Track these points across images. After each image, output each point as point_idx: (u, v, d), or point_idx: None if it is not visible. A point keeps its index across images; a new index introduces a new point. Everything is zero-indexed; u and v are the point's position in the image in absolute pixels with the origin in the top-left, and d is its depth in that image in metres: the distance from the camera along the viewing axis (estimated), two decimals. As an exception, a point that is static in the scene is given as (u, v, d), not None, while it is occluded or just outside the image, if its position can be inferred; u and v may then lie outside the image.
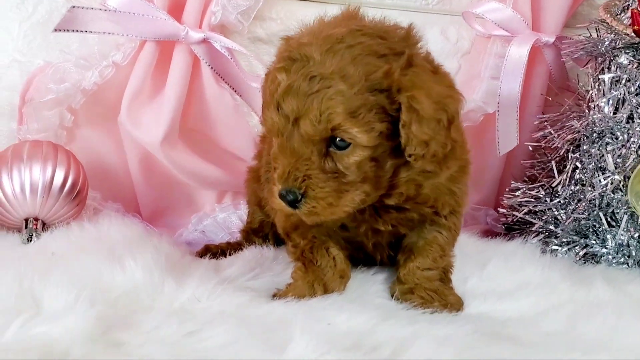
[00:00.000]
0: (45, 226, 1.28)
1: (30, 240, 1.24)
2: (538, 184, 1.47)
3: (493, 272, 1.20)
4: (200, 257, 1.31)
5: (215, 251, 1.31)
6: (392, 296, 1.09)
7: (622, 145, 1.32)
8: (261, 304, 1.01)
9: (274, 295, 1.05)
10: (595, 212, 1.32)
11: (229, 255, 1.30)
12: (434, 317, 0.97)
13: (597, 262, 1.32)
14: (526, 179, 1.57)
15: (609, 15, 1.42)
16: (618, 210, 1.31)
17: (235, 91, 1.42)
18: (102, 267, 1.06)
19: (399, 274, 1.09)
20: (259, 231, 1.37)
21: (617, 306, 1.04)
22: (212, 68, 1.37)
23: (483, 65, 1.61)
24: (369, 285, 1.12)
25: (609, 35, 1.41)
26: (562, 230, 1.37)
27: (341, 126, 0.89)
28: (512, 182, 1.55)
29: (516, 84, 1.48)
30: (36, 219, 1.27)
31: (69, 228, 1.28)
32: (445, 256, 1.09)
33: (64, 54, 1.36)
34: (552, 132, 1.47)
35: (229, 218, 1.55)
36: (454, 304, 1.05)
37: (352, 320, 0.93)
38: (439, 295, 1.06)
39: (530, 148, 1.58)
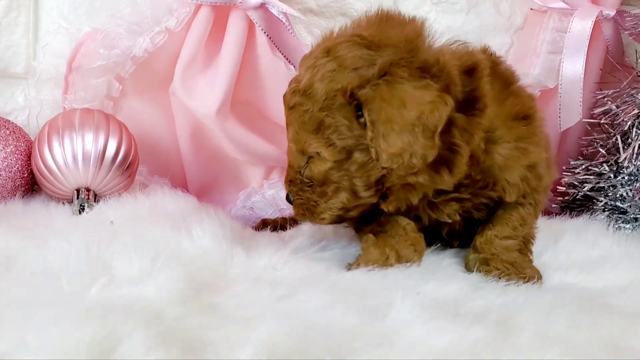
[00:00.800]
0: (96, 197, 1.23)
1: (83, 211, 1.19)
2: (601, 160, 1.41)
3: (568, 246, 1.15)
4: (258, 230, 1.26)
5: (274, 225, 1.26)
6: (466, 266, 1.04)
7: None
8: (341, 272, 0.96)
9: (348, 267, 1.00)
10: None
11: (288, 229, 1.24)
12: (526, 287, 0.92)
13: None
14: (581, 156, 1.52)
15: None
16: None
17: (289, 61, 1.36)
18: (168, 235, 1.01)
19: (475, 242, 1.04)
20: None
21: None
22: (267, 35, 1.32)
23: (539, 41, 1.55)
24: (441, 257, 1.07)
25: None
26: (629, 206, 1.32)
27: (305, 142, 0.93)
28: (570, 159, 1.50)
29: (580, 58, 1.42)
30: (88, 190, 1.22)
31: (121, 199, 1.23)
32: (525, 225, 1.03)
33: (114, 19, 1.30)
34: (615, 107, 1.42)
35: (277, 194, 1.49)
36: (531, 277, 0.99)
37: (441, 290, 0.88)
38: (516, 268, 1.00)
39: (588, 125, 1.54)
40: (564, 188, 1.48)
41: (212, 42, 1.32)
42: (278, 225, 1.27)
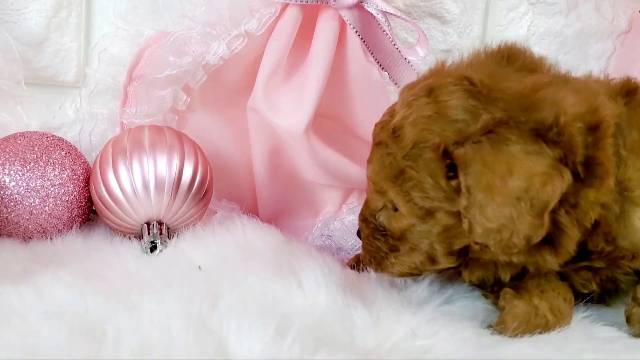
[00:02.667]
0: (169, 232, 1.04)
1: (155, 250, 1.00)
2: None
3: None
4: (355, 269, 1.08)
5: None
6: (628, 322, 0.86)
7: None
8: (495, 341, 0.78)
9: (493, 329, 0.83)
10: None
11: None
12: None
13: None
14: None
15: None
16: None
17: (383, 67, 1.18)
18: (276, 288, 0.83)
19: (637, 292, 0.86)
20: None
21: None
22: (361, 38, 1.13)
23: (650, 47, 1.38)
24: (588, 318, 0.89)
25: None
26: None
27: (383, 187, 0.83)
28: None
29: None
30: (160, 223, 1.03)
31: (197, 234, 1.04)
32: None
33: (185, 20, 1.11)
34: None
35: (357, 220, 1.31)
36: None
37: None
38: None
39: None
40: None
41: (298, 47, 1.13)
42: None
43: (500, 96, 0.76)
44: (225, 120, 1.23)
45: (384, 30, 1.15)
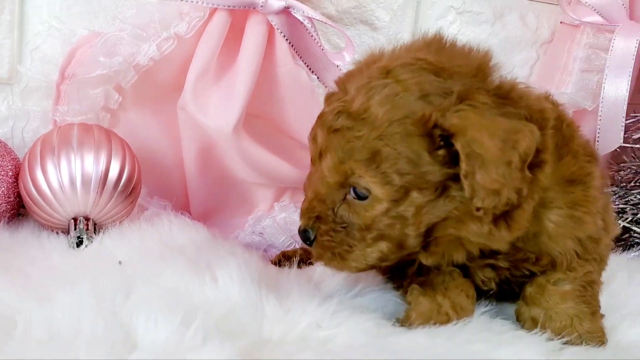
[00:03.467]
0: (95, 227, 1.07)
1: (81, 245, 1.03)
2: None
3: (621, 290, 1.06)
4: (279, 265, 1.12)
5: (298, 259, 1.12)
6: (518, 319, 0.92)
7: None
8: (395, 332, 0.83)
9: (400, 324, 0.88)
10: None
11: (310, 264, 1.11)
12: (609, 352, 0.82)
13: None
14: (612, 181, 1.43)
15: None
16: None
17: (312, 71, 1.23)
18: (190, 282, 0.87)
19: (525, 292, 0.91)
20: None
21: None
22: (289, 42, 1.18)
23: (570, 57, 1.46)
24: (488, 312, 0.94)
25: None
26: (674, 242, 1.23)
27: (354, 173, 0.79)
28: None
29: (624, 80, 1.33)
30: (87, 218, 1.06)
31: (123, 230, 1.08)
32: (589, 273, 0.89)
33: (116, 21, 1.14)
34: (655, 133, 1.33)
35: (289, 218, 1.35)
36: (590, 335, 0.86)
37: (517, 357, 0.78)
38: (574, 323, 0.87)
39: (618, 150, 1.45)
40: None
41: (228, 50, 1.18)
42: (301, 258, 1.13)
43: (456, 71, 0.79)
44: (157, 119, 1.26)
45: (312, 36, 1.20)
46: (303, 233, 0.85)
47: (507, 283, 0.93)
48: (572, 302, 0.88)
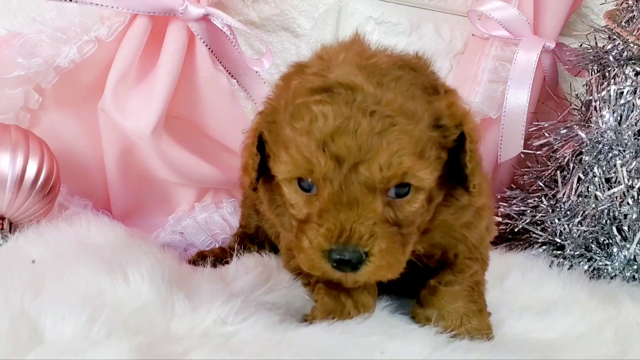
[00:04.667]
0: (12, 227, 1.09)
1: (-5, 244, 1.04)
2: (540, 193, 1.42)
3: (514, 287, 1.15)
4: (194, 264, 1.16)
5: (213, 257, 1.17)
6: (415, 319, 0.98)
7: (633, 158, 1.30)
8: (296, 327, 0.89)
9: (305, 320, 0.94)
10: (605, 225, 1.29)
11: (226, 263, 1.16)
12: (492, 345, 0.89)
13: (600, 277, 1.30)
14: (515, 184, 1.53)
15: (614, 24, 1.39)
16: (627, 225, 1.29)
17: (232, 75, 1.27)
18: (101, 280, 0.90)
19: (420, 294, 0.97)
20: (255, 237, 1.24)
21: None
22: (209, 48, 1.22)
23: (480, 68, 1.55)
24: (388, 309, 1.01)
25: (616, 45, 1.39)
26: (567, 242, 1.34)
27: (411, 169, 0.78)
28: (506, 189, 1.50)
29: (524, 90, 1.43)
30: (2, 218, 1.08)
31: (41, 229, 1.09)
32: (475, 274, 0.97)
33: (35, 23, 1.15)
34: (554, 140, 1.43)
35: (210, 218, 1.40)
36: (478, 330, 0.93)
37: (405, 349, 0.84)
38: (462, 320, 0.94)
39: (522, 155, 1.55)
40: (500, 219, 1.48)
41: (148, 54, 1.21)
42: (217, 257, 1.18)
43: (417, 67, 0.84)
44: (79, 120, 1.28)
45: (231, 42, 1.24)
46: (345, 260, 0.78)
47: (409, 276, 0.99)
48: (462, 302, 0.94)
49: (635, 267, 1.27)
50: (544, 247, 1.37)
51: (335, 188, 0.77)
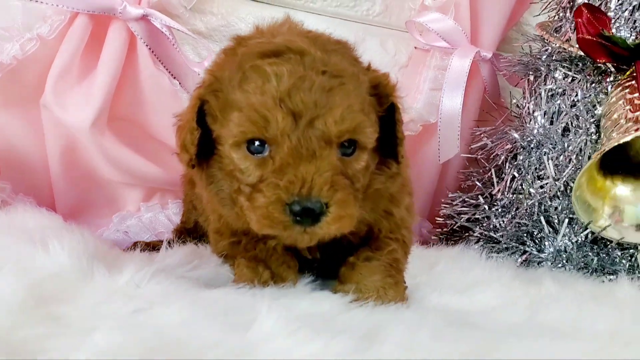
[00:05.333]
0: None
1: None
2: (477, 193, 1.47)
3: (444, 272, 1.17)
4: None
5: (145, 248, 1.19)
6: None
7: (560, 154, 1.34)
8: (211, 288, 0.91)
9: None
10: (534, 218, 1.33)
11: (158, 250, 1.18)
12: (397, 307, 0.91)
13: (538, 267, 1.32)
14: (460, 189, 1.57)
15: (545, 33, 1.47)
16: (556, 217, 1.33)
17: (174, 76, 1.32)
18: (21, 249, 0.93)
19: (340, 272, 0.98)
20: (194, 232, 1.27)
21: (572, 299, 1.03)
22: (150, 48, 1.27)
23: (422, 78, 1.62)
24: (317, 283, 1.04)
25: (545, 51, 1.46)
26: (502, 236, 1.37)
27: (360, 125, 0.82)
28: (449, 192, 1.54)
29: (458, 94, 1.49)
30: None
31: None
32: (393, 251, 0.98)
33: (-22, 21, 1.21)
34: (490, 143, 1.48)
35: (155, 218, 1.43)
36: (394, 299, 0.94)
37: (315, 307, 0.86)
38: (379, 292, 0.95)
39: (466, 160, 1.60)
40: (442, 219, 1.52)
41: (89, 53, 1.26)
42: (150, 247, 1.20)
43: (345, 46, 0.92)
44: (23, 118, 1.32)
45: (172, 43, 1.30)
46: (308, 209, 0.79)
47: (330, 256, 1.02)
48: (379, 275, 0.96)
49: (565, 256, 1.30)
50: (481, 242, 1.39)
51: (294, 142, 0.80)
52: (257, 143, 0.83)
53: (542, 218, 1.32)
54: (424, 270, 1.16)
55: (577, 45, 1.33)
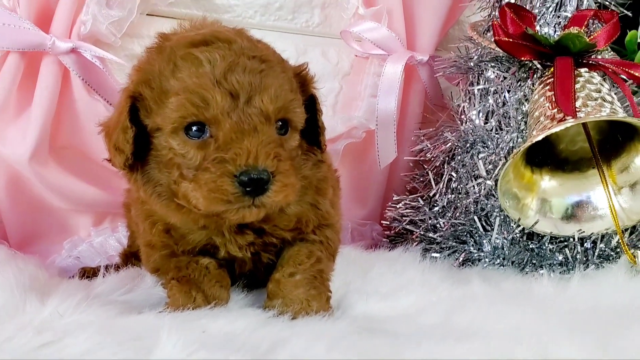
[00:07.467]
0: None
1: None
2: (417, 195, 1.50)
3: (376, 276, 1.21)
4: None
5: (90, 274, 1.23)
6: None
7: (492, 153, 1.38)
8: (130, 315, 0.95)
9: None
10: (470, 217, 1.36)
11: (104, 276, 1.22)
12: (317, 320, 0.94)
13: (472, 266, 1.36)
14: (407, 192, 1.61)
15: (475, 33, 1.50)
16: (491, 215, 1.36)
17: (109, 102, 1.36)
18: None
19: (267, 288, 1.02)
20: (138, 255, 1.30)
21: (490, 298, 1.06)
22: (82, 79, 1.32)
23: (363, 85, 1.65)
24: (243, 296, 1.08)
25: (477, 51, 1.49)
26: (440, 237, 1.40)
27: (292, 104, 0.90)
28: (394, 195, 1.58)
29: (392, 99, 1.52)
30: None
31: None
32: (314, 258, 1.02)
33: None
34: (429, 145, 1.52)
35: (106, 242, 1.47)
36: (318, 311, 0.97)
37: (229, 326, 0.89)
38: (302, 304, 0.98)
39: (411, 163, 1.64)
40: (388, 222, 1.56)
41: (24, 88, 1.30)
42: (92, 272, 1.25)
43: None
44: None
45: (105, 72, 1.34)
46: (255, 179, 0.84)
47: (259, 257, 1.05)
48: (303, 289, 1.00)
49: (501, 255, 1.33)
50: (422, 243, 1.43)
51: (235, 119, 0.85)
52: (194, 128, 0.88)
53: (475, 217, 1.35)
54: (358, 275, 1.20)
55: (502, 45, 1.37)
